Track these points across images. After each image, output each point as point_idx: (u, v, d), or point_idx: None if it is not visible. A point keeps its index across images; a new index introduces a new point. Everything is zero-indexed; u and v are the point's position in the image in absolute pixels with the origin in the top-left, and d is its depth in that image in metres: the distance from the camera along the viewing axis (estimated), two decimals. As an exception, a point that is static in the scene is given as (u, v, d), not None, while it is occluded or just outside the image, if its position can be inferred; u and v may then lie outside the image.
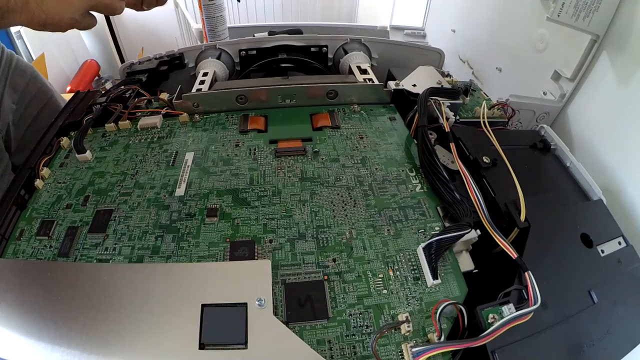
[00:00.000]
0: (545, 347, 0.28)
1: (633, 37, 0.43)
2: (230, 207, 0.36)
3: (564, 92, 0.52)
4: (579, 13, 0.44)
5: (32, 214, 0.36)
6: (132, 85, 0.53)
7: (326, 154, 0.42)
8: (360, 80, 0.51)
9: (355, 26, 1.07)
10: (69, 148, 0.43)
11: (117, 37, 1.42)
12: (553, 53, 0.55)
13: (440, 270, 0.31)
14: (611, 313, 0.31)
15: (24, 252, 0.33)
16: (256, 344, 0.25)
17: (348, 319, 0.28)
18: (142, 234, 0.34)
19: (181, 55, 0.60)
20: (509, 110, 0.50)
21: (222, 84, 0.49)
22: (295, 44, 0.62)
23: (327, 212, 0.36)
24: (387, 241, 0.33)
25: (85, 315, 0.26)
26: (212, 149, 0.43)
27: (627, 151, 0.44)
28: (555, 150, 0.44)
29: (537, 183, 0.41)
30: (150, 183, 0.39)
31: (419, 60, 0.61)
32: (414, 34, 0.99)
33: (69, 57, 1.24)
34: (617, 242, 0.36)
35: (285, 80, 0.50)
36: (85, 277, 0.28)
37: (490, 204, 0.36)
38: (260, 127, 0.45)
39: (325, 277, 0.31)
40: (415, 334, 0.28)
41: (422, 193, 0.38)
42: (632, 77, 0.43)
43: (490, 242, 0.32)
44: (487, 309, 0.27)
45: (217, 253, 0.32)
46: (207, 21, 0.82)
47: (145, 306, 0.26)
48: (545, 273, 0.30)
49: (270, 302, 0.27)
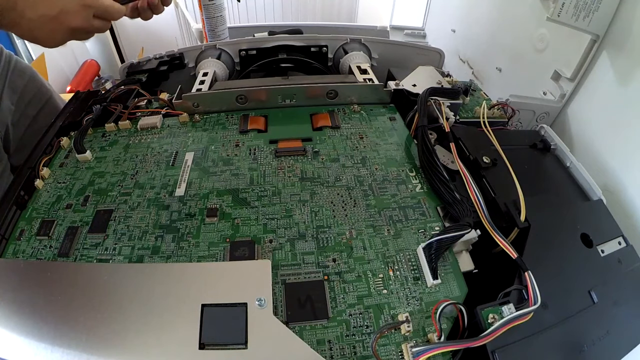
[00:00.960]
0: (545, 347, 0.28)
1: (633, 37, 0.43)
2: (230, 207, 0.36)
3: (564, 92, 0.52)
4: (579, 13, 0.44)
5: (32, 214, 0.36)
6: (132, 85, 0.53)
7: (326, 154, 0.42)
8: (360, 80, 0.51)
9: (355, 26, 1.07)
10: (69, 148, 0.43)
11: (117, 37, 1.42)
12: (553, 53, 0.55)
13: (440, 270, 0.31)
14: (611, 313, 0.31)
15: (24, 252, 0.33)
16: (256, 344, 0.25)
17: (348, 319, 0.28)
18: (142, 234, 0.34)
19: (181, 55, 0.60)
20: (509, 110, 0.50)
21: (222, 84, 0.49)
22: (295, 44, 0.62)
23: (327, 212, 0.36)
24: (387, 241, 0.33)
25: (85, 315, 0.26)
26: (212, 149, 0.43)
27: (627, 151, 0.44)
28: (555, 150, 0.44)
29: (537, 183, 0.41)
30: (150, 183, 0.39)
31: (419, 60, 0.61)
32: (414, 34, 0.99)
33: (69, 57, 1.24)
34: (617, 242, 0.36)
35: (285, 80, 0.50)
36: (85, 277, 0.28)
37: (490, 204, 0.36)
38: (260, 127, 0.45)
39: (325, 277, 0.31)
40: (415, 334, 0.28)
41: (422, 193, 0.38)
42: (632, 76, 0.43)
43: (490, 242, 0.32)
44: (487, 309, 0.27)
45: (217, 253, 0.32)
46: (207, 21, 0.82)
47: (145, 306, 0.26)
48: (545, 273, 0.30)
49: (270, 302, 0.27)
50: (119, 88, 0.53)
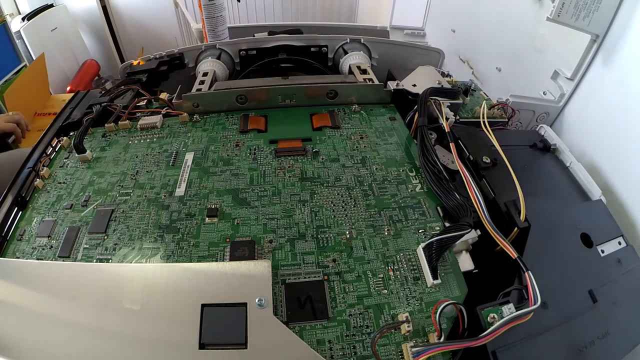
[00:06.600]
0: (545, 347, 0.28)
1: (633, 37, 0.43)
2: (230, 207, 0.36)
3: (563, 92, 0.52)
4: (579, 13, 0.44)
5: (32, 214, 0.36)
6: (132, 85, 0.53)
7: (326, 154, 0.42)
8: (360, 80, 0.51)
9: (355, 26, 1.07)
10: (69, 148, 0.43)
11: (117, 37, 1.42)
12: (553, 53, 0.55)
13: (440, 270, 0.31)
14: (611, 313, 0.31)
15: (24, 252, 0.33)
16: (256, 344, 0.25)
17: (348, 319, 0.28)
18: (142, 234, 0.34)
19: (181, 55, 0.60)
20: (509, 110, 0.50)
21: (222, 84, 0.49)
22: (295, 44, 0.62)
23: (327, 212, 0.36)
24: (387, 241, 0.33)
25: (85, 315, 0.26)
26: (212, 149, 0.43)
27: (627, 151, 0.44)
28: (555, 150, 0.44)
29: (537, 183, 0.41)
30: (150, 183, 0.39)
31: (419, 60, 0.61)
32: (414, 34, 0.99)
33: (69, 57, 1.24)
34: (617, 242, 0.36)
35: (285, 80, 0.50)
36: (85, 277, 0.28)
37: (490, 204, 0.36)
38: (260, 127, 0.45)
39: (325, 277, 0.31)
40: (415, 334, 0.28)
41: (422, 193, 0.38)
42: (632, 76, 0.43)
43: (490, 242, 0.32)
44: (487, 309, 0.27)
45: (217, 253, 0.32)
46: (207, 21, 0.82)
47: (146, 306, 0.26)
48: (545, 273, 0.30)
49: (270, 302, 0.27)
50: (119, 88, 0.53)
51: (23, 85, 0.92)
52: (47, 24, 1.14)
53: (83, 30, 1.34)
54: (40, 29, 1.11)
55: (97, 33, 1.36)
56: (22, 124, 0.67)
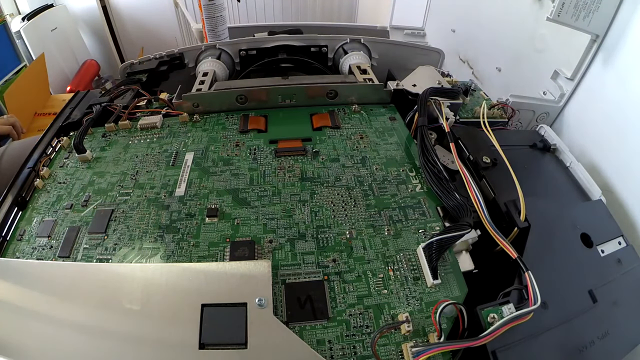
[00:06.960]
0: (545, 347, 0.28)
1: (633, 37, 0.43)
2: (230, 207, 0.36)
3: (563, 92, 0.52)
4: (579, 13, 0.44)
5: (32, 214, 0.36)
6: (132, 85, 0.53)
7: (326, 154, 0.42)
8: (360, 80, 0.51)
9: (355, 26, 1.07)
10: (69, 148, 0.43)
11: (117, 37, 1.42)
12: (553, 53, 0.55)
13: (440, 270, 0.31)
14: (611, 313, 0.31)
15: (24, 252, 0.33)
16: (256, 344, 0.25)
17: (348, 319, 0.28)
18: (142, 234, 0.34)
19: (181, 55, 0.60)
20: (509, 110, 0.50)
21: (222, 84, 0.49)
22: (295, 44, 0.62)
23: (327, 212, 0.36)
24: (387, 241, 0.33)
25: (85, 315, 0.26)
26: (212, 149, 0.43)
27: (627, 151, 0.44)
28: (555, 150, 0.44)
29: (537, 183, 0.41)
30: (150, 183, 0.39)
31: (419, 60, 0.61)
32: (414, 34, 0.99)
33: (69, 57, 1.24)
34: (617, 242, 0.36)
35: (285, 80, 0.50)
36: (85, 277, 0.28)
37: (490, 204, 0.36)
38: (260, 127, 0.45)
39: (325, 277, 0.31)
40: (415, 334, 0.28)
41: (422, 193, 0.38)
42: (632, 76, 0.43)
43: (490, 242, 0.32)
44: (487, 309, 0.27)
45: (217, 253, 0.32)
46: (207, 21, 0.82)
47: (146, 306, 0.26)
48: (545, 273, 0.30)
49: (270, 302, 0.27)
50: (119, 88, 0.53)
51: (23, 85, 0.92)
52: (47, 24, 1.14)
53: (83, 30, 1.34)
54: (40, 29, 1.11)
55: (97, 33, 1.36)
56: (17, 127, 0.68)
